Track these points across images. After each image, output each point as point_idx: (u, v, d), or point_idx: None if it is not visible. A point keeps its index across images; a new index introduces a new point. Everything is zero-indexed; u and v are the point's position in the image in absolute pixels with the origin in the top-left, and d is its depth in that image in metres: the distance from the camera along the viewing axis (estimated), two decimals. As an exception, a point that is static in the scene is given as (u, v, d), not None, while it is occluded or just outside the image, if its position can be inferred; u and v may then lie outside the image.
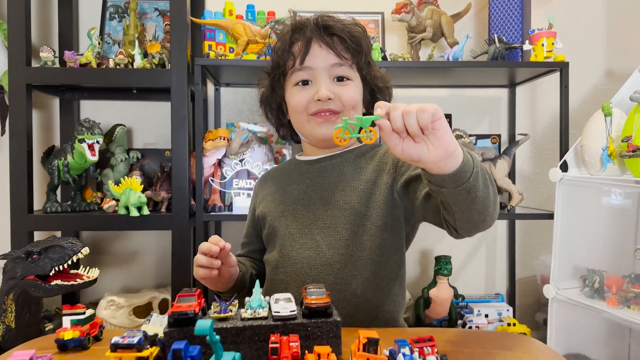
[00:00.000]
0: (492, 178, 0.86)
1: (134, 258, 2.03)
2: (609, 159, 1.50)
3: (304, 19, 1.11)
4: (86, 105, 2.00)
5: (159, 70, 1.62)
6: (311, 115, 1.08)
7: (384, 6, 2.00)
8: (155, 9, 1.98)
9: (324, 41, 1.05)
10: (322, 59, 1.05)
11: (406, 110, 0.72)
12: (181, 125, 1.61)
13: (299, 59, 1.06)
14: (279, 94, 1.15)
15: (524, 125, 2.10)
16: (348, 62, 1.07)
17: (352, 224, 1.05)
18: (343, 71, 1.07)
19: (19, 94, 1.59)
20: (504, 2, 1.83)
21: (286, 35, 1.10)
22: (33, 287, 1.20)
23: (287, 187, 1.16)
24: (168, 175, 1.74)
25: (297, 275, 1.05)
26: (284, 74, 1.11)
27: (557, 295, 1.62)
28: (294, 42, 1.08)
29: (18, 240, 1.59)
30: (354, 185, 1.08)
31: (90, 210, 1.72)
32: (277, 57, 1.11)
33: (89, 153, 1.58)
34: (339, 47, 1.06)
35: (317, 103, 1.05)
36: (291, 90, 1.10)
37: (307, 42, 1.05)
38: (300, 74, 1.07)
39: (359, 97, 1.10)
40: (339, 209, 1.06)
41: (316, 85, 1.06)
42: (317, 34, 1.06)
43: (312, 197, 1.10)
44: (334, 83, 1.07)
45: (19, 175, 1.60)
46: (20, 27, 1.58)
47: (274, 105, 1.18)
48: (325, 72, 1.06)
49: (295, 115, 1.11)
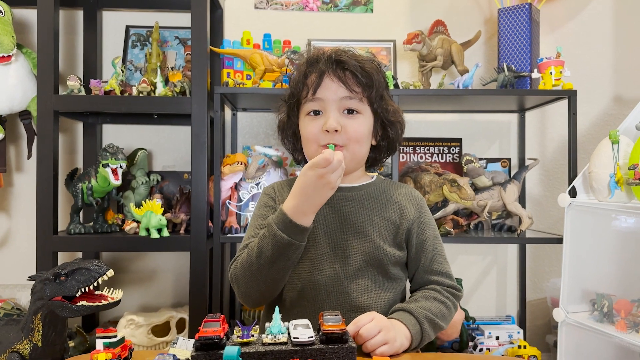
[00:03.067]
0: (444, 313, 1.09)
1: (152, 277, 2.09)
2: (617, 186, 1.54)
3: (320, 52, 1.16)
4: (108, 129, 2.07)
5: (180, 98, 1.69)
6: (322, 147, 1.10)
7: (396, 34, 2.07)
8: (175, 37, 2.06)
9: (336, 75, 1.10)
10: (333, 91, 1.10)
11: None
12: (201, 150, 1.67)
13: (312, 90, 1.11)
14: (294, 121, 1.19)
15: (533, 149, 2.14)
16: (358, 96, 1.11)
17: (368, 256, 1.10)
18: (352, 104, 1.11)
19: (47, 121, 1.66)
20: (512, 30, 1.89)
21: (302, 66, 1.15)
22: (60, 308, 1.25)
23: None
24: (187, 198, 1.80)
25: (314, 299, 1.09)
26: (298, 103, 1.16)
27: (566, 318, 1.64)
28: (308, 74, 1.13)
29: (43, 260, 1.66)
30: (373, 220, 1.13)
31: (111, 232, 1.78)
32: (292, 87, 1.17)
33: (112, 177, 1.65)
34: (350, 81, 1.10)
35: (327, 135, 1.09)
36: (304, 119, 1.15)
37: (320, 75, 1.10)
38: (312, 104, 1.12)
39: (365, 130, 1.13)
40: (358, 241, 1.11)
41: (326, 116, 1.10)
42: (330, 67, 1.10)
43: (331, 225, 1.13)
44: (343, 115, 1.11)
45: (45, 198, 1.67)
46: (49, 57, 1.66)
47: (290, 131, 1.22)
48: (335, 104, 1.10)
49: (307, 144, 1.15)
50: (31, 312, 1.29)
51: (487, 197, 1.80)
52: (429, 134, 2.11)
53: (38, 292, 1.29)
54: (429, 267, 1.13)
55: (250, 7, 2.11)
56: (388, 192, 1.18)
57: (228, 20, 2.11)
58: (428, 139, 2.08)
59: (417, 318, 1.02)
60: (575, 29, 2.14)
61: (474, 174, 1.84)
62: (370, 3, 2.12)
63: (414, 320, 1.02)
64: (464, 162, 1.84)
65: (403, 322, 1.00)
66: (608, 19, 2.14)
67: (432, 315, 1.04)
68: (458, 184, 1.68)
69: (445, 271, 1.14)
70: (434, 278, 1.13)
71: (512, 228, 1.87)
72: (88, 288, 1.27)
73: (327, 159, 0.94)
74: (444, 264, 1.15)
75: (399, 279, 1.15)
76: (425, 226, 1.15)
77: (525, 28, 1.85)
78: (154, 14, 2.07)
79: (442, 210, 1.83)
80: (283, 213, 1.01)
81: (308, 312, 1.08)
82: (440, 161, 2.07)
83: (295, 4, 2.11)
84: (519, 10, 1.87)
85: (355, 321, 0.94)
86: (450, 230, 1.73)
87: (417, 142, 2.09)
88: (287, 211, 1.00)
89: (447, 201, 1.82)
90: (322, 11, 2.12)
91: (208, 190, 1.71)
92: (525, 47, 1.85)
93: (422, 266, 1.14)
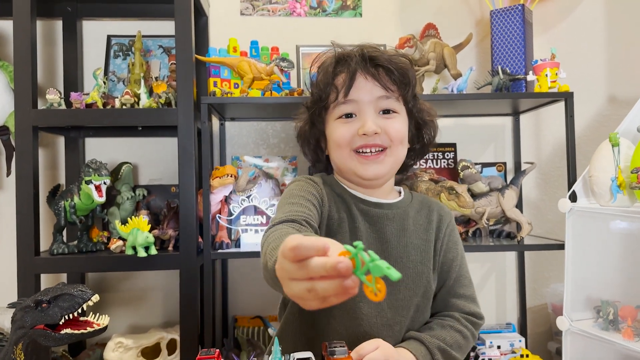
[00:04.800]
0: (460, 344, 1.01)
1: (140, 296, 2.01)
2: (619, 190, 1.50)
3: (348, 51, 1.05)
4: (91, 143, 2.00)
5: (166, 110, 1.63)
6: (355, 151, 1.02)
7: (386, 39, 2.02)
8: (159, 46, 1.99)
9: (370, 73, 1.00)
10: (368, 91, 1.00)
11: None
12: (188, 163, 1.60)
13: (343, 91, 1.00)
14: (319, 129, 1.09)
15: (529, 152, 2.10)
16: (395, 95, 1.02)
17: (412, 284, 1.02)
18: (389, 104, 1.02)
19: (26, 136, 1.59)
20: (506, 32, 1.85)
21: (329, 67, 1.04)
22: (42, 337, 1.18)
23: (353, 222, 1.04)
24: (175, 213, 1.73)
25: (354, 329, 0.99)
26: (326, 108, 1.05)
27: (570, 327, 1.60)
28: (337, 74, 1.03)
29: (25, 283, 1.57)
30: (415, 243, 1.04)
31: (97, 251, 1.70)
32: (318, 90, 1.05)
33: (96, 194, 1.58)
34: (385, 79, 1.01)
35: (362, 137, 0.99)
36: (333, 124, 1.04)
37: (352, 74, 1.00)
38: (344, 107, 1.02)
39: (405, 131, 1.05)
40: (401, 267, 1.01)
41: (361, 118, 1.00)
42: (362, 65, 1.00)
43: (372, 246, 1.02)
44: (380, 116, 1.01)
45: (25, 217, 1.59)
46: (27, 70, 1.59)
47: (312, 140, 1.11)
48: (371, 105, 1.00)
49: (337, 150, 1.04)
50: (12, 342, 1.22)
51: (485, 204, 1.76)
52: (422, 140, 2.06)
53: (19, 320, 1.22)
54: (452, 288, 1.06)
55: (235, 13, 2.05)
56: (424, 209, 1.09)
57: (213, 28, 2.04)
58: (422, 145, 2.03)
59: (429, 348, 0.95)
60: (567, 30, 2.11)
61: (471, 180, 1.79)
62: (359, 7, 2.07)
63: (425, 350, 0.94)
64: (460, 168, 1.79)
65: (412, 352, 0.92)
66: (600, 19, 2.11)
67: (446, 346, 0.96)
68: (456, 191, 1.63)
69: (469, 294, 1.06)
70: (457, 302, 1.05)
71: (511, 234, 1.83)
72: (72, 315, 1.20)
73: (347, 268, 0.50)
74: (469, 286, 1.07)
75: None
76: (454, 245, 1.08)
77: (518, 29, 1.81)
78: (136, 23, 2.00)
79: (440, 219, 1.77)
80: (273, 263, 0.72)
81: (343, 337, 0.97)
82: (435, 167, 2.03)
83: (283, 10, 2.06)
84: (512, 12, 1.83)
85: (358, 349, 0.85)
86: (449, 239, 1.68)
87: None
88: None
89: (444, 209, 1.76)
90: (310, 16, 2.06)
91: (197, 205, 1.64)
92: (519, 49, 1.81)
93: (445, 287, 1.06)
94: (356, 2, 2.07)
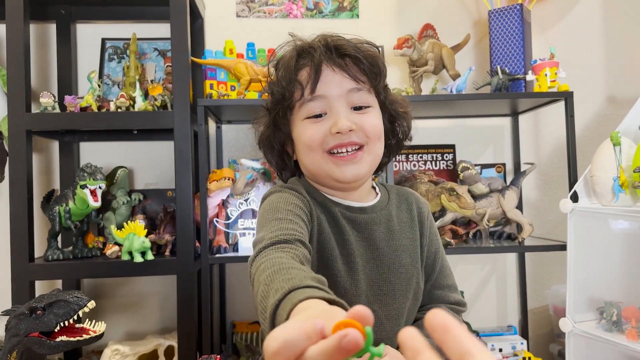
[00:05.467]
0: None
1: (136, 302, 1.98)
2: (621, 189, 1.48)
3: (310, 42, 0.93)
4: (86, 147, 1.97)
5: (161, 113, 1.60)
6: (329, 152, 0.91)
7: (384, 40, 2.01)
8: (154, 49, 1.97)
9: (337, 64, 0.89)
10: (337, 84, 0.89)
11: None
12: (185, 166, 1.58)
13: (309, 87, 0.89)
14: (284, 132, 0.96)
15: (528, 153, 2.09)
16: (366, 86, 0.91)
17: (407, 290, 0.96)
18: (361, 98, 0.91)
19: (19, 141, 1.56)
20: (504, 32, 1.83)
21: (290, 61, 0.92)
22: (37, 345, 1.16)
23: (341, 234, 0.95)
24: (172, 217, 1.70)
25: None
26: (291, 107, 0.93)
27: (574, 329, 1.58)
28: (300, 68, 0.91)
29: (19, 290, 1.54)
30: (404, 244, 0.98)
31: (92, 256, 1.68)
32: (280, 89, 0.93)
33: (91, 199, 1.55)
34: (354, 69, 0.90)
35: (336, 136, 0.89)
36: (301, 124, 0.93)
37: (317, 67, 0.89)
38: (311, 105, 0.90)
39: (382, 125, 0.95)
40: (394, 273, 0.95)
41: (332, 116, 0.89)
42: (327, 56, 0.89)
43: (363, 255, 0.95)
44: (353, 112, 0.91)
45: (19, 223, 1.56)
46: (20, 74, 1.56)
47: (277, 145, 0.99)
48: (342, 100, 0.90)
49: (308, 153, 0.93)
50: (6, 350, 1.19)
51: (486, 205, 1.74)
52: (421, 141, 2.04)
53: (13, 328, 1.19)
54: (437, 280, 1.03)
55: (232, 15, 2.04)
56: (403, 205, 1.03)
57: (209, 30, 2.02)
58: (421, 146, 2.01)
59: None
60: (566, 29, 2.10)
61: (471, 181, 1.77)
62: (356, 8, 2.06)
63: None
64: (460, 169, 1.77)
65: None
66: (598, 18, 2.10)
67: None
68: (457, 192, 1.62)
69: (451, 284, 1.04)
70: (440, 293, 1.03)
71: (511, 236, 1.81)
72: (68, 322, 1.18)
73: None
74: (450, 275, 1.05)
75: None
76: (434, 236, 1.04)
77: (517, 29, 1.80)
78: (130, 26, 1.97)
79: (440, 220, 1.75)
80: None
81: None
82: (434, 168, 2.01)
83: (279, 11, 2.04)
84: (511, 12, 1.82)
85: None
86: (451, 241, 1.66)
87: (410, 149, 2.02)
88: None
89: (445, 211, 1.75)
90: (307, 18, 2.05)
91: (194, 209, 1.62)
92: (518, 48, 1.80)
93: (430, 280, 1.03)
94: (353, 3, 2.06)
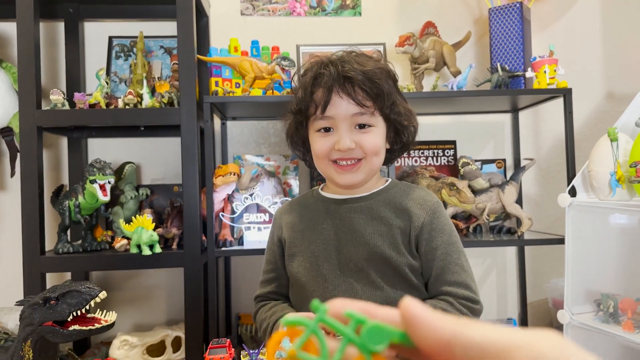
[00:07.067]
0: None
1: (144, 295, 2.02)
2: (618, 184, 1.52)
3: (324, 65, 1.09)
4: (94, 144, 2.01)
5: (169, 109, 1.64)
6: (332, 161, 1.10)
7: (386, 37, 2.04)
8: (160, 46, 2.01)
9: (345, 91, 1.05)
10: (343, 108, 1.06)
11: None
12: (192, 162, 1.62)
13: (320, 108, 1.07)
14: (302, 134, 1.17)
15: (528, 149, 2.12)
16: (369, 110, 1.07)
17: (383, 266, 1.07)
18: (364, 119, 1.07)
19: (30, 137, 1.60)
20: (504, 30, 1.86)
21: (307, 81, 1.10)
22: (51, 333, 1.20)
23: (316, 225, 1.16)
24: (179, 212, 1.74)
25: None
26: (307, 118, 1.13)
27: (571, 320, 1.62)
28: (315, 90, 1.09)
29: (31, 282, 1.59)
30: (382, 230, 1.09)
31: (101, 250, 1.72)
32: (299, 103, 1.12)
33: (100, 193, 1.59)
34: (361, 96, 1.06)
35: (338, 152, 1.07)
36: (314, 135, 1.12)
37: (329, 92, 1.06)
38: (321, 122, 1.09)
39: (381, 142, 1.11)
40: (370, 252, 1.08)
41: (337, 133, 1.07)
42: (338, 82, 1.05)
43: (342, 239, 1.11)
44: (356, 131, 1.08)
45: (30, 217, 1.60)
46: (30, 71, 1.60)
47: (299, 140, 1.20)
48: (346, 122, 1.07)
49: (317, 160, 1.14)
50: (20, 338, 1.23)
51: (486, 200, 1.77)
52: (422, 137, 2.05)
53: (27, 317, 1.23)
54: (442, 276, 1.07)
55: (236, 13, 2.07)
56: (399, 198, 1.13)
57: (214, 28, 2.06)
58: (422, 142, 2.04)
59: None
60: (565, 27, 2.12)
61: (471, 176, 1.80)
62: (359, 6, 2.09)
63: None
64: (461, 164, 1.81)
65: None
66: (597, 15, 2.13)
67: None
68: (457, 187, 1.65)
69: (460, 281, 1.06)
70: (447, 289, 1.06)
71: (511, 230, 1.84)
72: (80, 311, 1.22)
73: None
74: (460, 273, 1.07)
75: (421, 288, 1.10)
76: (437, 233, 1.09)
77: (517, 27, 1.83)
78: (137, 24, 2.01)
79: (441, 215, 1.79)
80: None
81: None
82: (435, 164, 2.04)
83: (282, 10, 2.07)
84: (510, 9, 1.85)
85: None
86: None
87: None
88: None
89: (445, 205, 1.78)
90: (310, 16, 2.08)
91: (200, 203, 1.66)
92: (517, 46, 1.83)
93: (434, 275, 1.08)
94: (355, 1, 2.09)
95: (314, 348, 0.29)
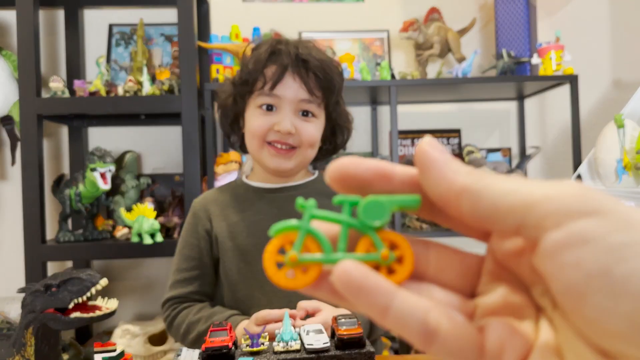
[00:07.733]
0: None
1: (145, 284, 2.02)
2: (624, 171, 1.49)
3: (284, 44, 1.05)
4: (94, 132, 2.00)
5: (169, 97, 1.63)
6: (267, 143, 1.05)
7: (389, 24, 2.01)
8: (161, 34, 1.99)
9: (299, 74, 1.03)
10: (293, 91, 1.03)
11: None
12: (193, 150, 1.60)
13: (270, 84, 1.02)
14: (240, 107, 1.11)
15: (533, 137, 2.10)
16: (317, 100, 1.05)
17: None
18: (310, 107, 1.05)
19: (30, 125, 1.59)
20: (510, 16, 1.84)
21: (262, 55, 1.05)
22: (52, 320, 1.19)
23: (252, 217, 1.10)
24: (180, 200, 1.73)
25: (270, 304, 0.99)
26: (250, 92, 1.07)
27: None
28: (268, 65, 1.04)
29: (32, 270, 1.58)
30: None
31: (102, 239, 1.71)
32: (247, 75, 1.06)
33: (101, 182, 1.58)
34: (312, 83, 1.03)
35: (276, 133, 1.03)
36: (253, 110, 1.07)
37: (282, 70, 1.02)
38: (266, 99, 1.04)
39: (318, 135, 1.08)
40: None
41: (280, 114, 1.04)
42: (293, 64, 1.02)
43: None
44: (298, 117, 1.05)
45: (31, 206, 1.59)
46: (30, 59, 1.59)
47: (231, 114, 1.13)
48: (292, 105, 1.04)
49: (251, 139, 1.08)
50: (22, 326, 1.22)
51: (490, 188, 1.75)
52: (427, 126, 2.06)
53: (29, 304, 1.22)
54: None
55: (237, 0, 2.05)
56: (330, 188, 1.11)
57: (215, 15, 2.04)
58: (426, 131, 2.02)
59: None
60: (571, 13, 2.09)
61: (476, 164, 1.78)
62: (361, -7, 2.07)
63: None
64: (466, 153, 1.79)
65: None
66: (604, 1, 2.10)
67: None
68: (461, 175, 1.63)
69: None
70: None
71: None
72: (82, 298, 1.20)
73: None
74: None
75: None
76: None
77: (523, 13, 1.80)
78: (137, 11, 1.99)
79: (445, 203, 1.77)
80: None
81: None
82: (439, 153, 2.02)
83: (285, -4, 2.05)
84: (516, -5, 1.82)
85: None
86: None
87: (416, 134, 2.03)
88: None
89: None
90: (312, 2, 2.05)
91: (201, 192, 1.64)
92: (523, 32, 1.81)
93: None
94: (358, -12, 2.06)
95: (315, 247, 0.28)
